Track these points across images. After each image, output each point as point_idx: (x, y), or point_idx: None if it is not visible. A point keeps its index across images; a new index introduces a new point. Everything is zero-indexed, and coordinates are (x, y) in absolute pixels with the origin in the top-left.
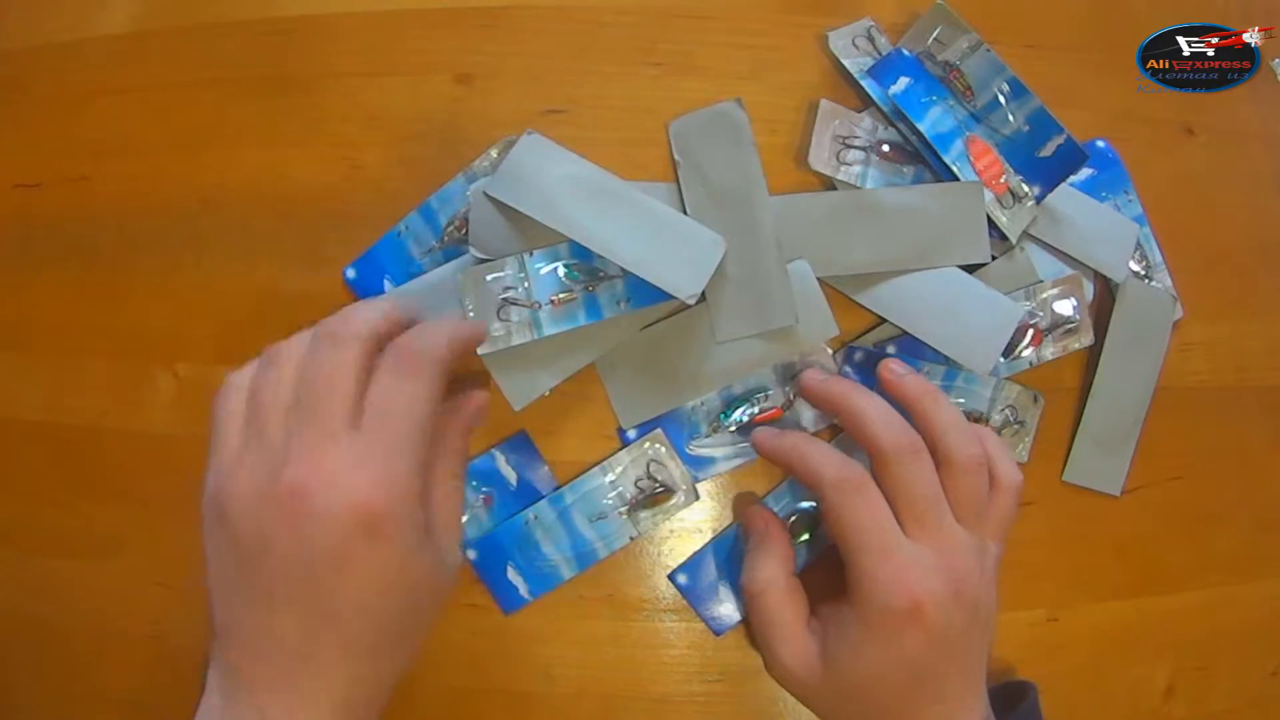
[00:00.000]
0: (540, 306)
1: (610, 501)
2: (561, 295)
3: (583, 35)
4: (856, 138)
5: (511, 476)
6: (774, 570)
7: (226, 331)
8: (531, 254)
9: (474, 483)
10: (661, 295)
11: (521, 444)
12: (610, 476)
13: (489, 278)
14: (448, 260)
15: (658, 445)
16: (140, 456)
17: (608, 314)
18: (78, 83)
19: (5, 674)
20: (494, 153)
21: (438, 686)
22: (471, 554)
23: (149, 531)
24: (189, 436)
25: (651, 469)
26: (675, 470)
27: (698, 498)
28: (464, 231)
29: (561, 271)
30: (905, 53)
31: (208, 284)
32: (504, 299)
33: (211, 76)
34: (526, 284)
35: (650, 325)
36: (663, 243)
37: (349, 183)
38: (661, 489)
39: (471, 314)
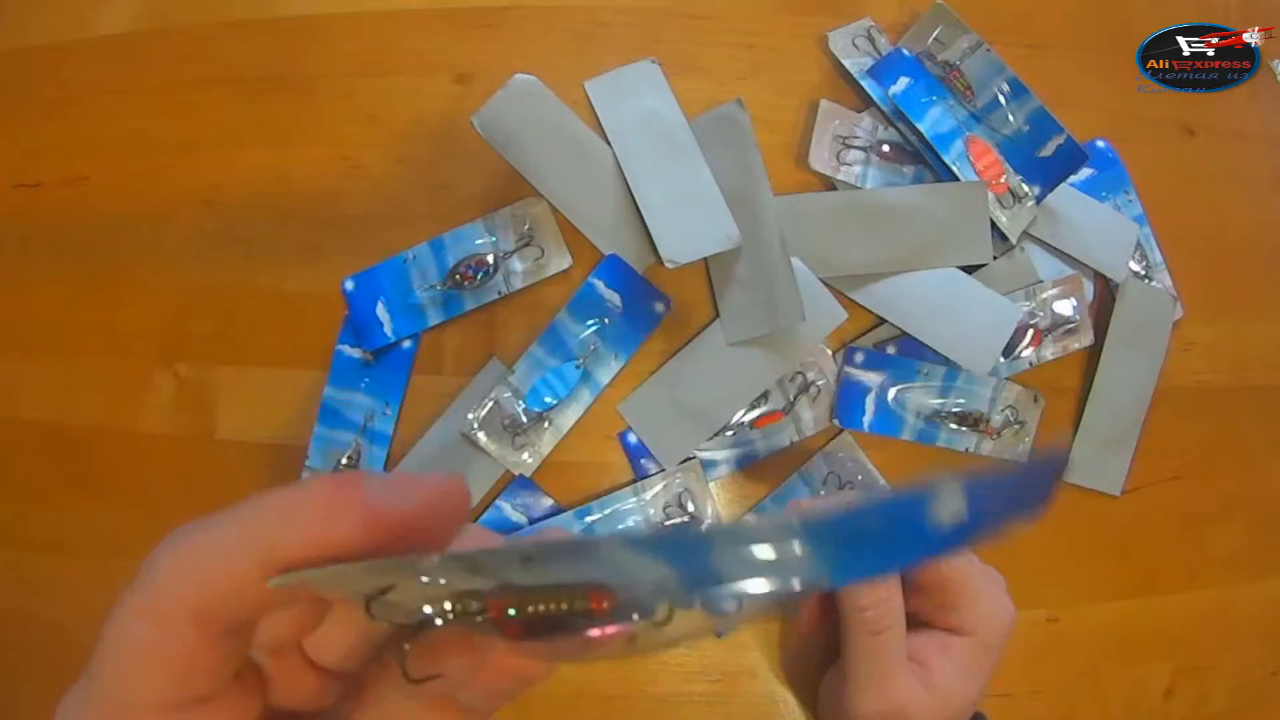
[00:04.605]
0: None
1: (635, 523)
2: None
3: (583, 35)
4: (856, 138)
5: (522, 519)
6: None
7: (226, 331)
8: None
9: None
10: None
11: (522, 486)
12: (640, 498)
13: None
14: (446, 302)
15: (692, 476)
16: (140, 456)
17: None
18: (78, 83)
19: (5, 674)
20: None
21: None
22: None
23: (149, 531)
24: (189, 436)
25: (683, 498)
26: (707, 505)
27: None
28: (468, 281)
29: None
30: (905, 53)
31: (208, 284)
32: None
33: (211, 76)
34: None
35: (662, 365)
36: (686, 204)
37: (349, 183)
38: (688, 520)
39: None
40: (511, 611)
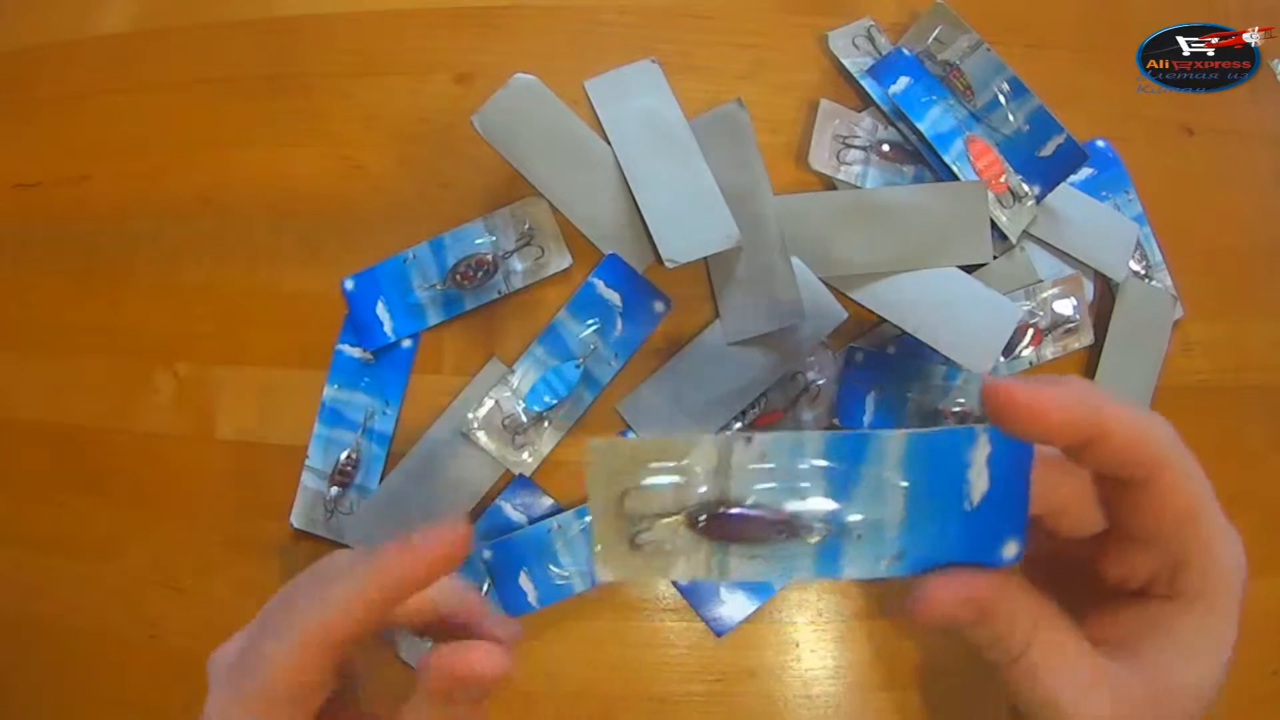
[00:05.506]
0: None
1: None
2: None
3: (582, 35)
4: (856, 138)
5: (522, 518)
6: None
7: (226, 331)
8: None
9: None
10: None
11: (522, 485)
12: None
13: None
14: (446, 302)
15: None
16: (140, 456)
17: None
18: (78, 82)
19: (5, 674)
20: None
21: None
22: (487, 554)
23: (149, 531)
24: (189, 436)
25: None
26: None
27: None
28: (468, 281)
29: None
30: (905, 52)
31: (208, 284)
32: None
33: (211, 76)
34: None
35: (662, 365)
36: (686, 204)
37: (349, 183)
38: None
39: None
40: (734, 510)
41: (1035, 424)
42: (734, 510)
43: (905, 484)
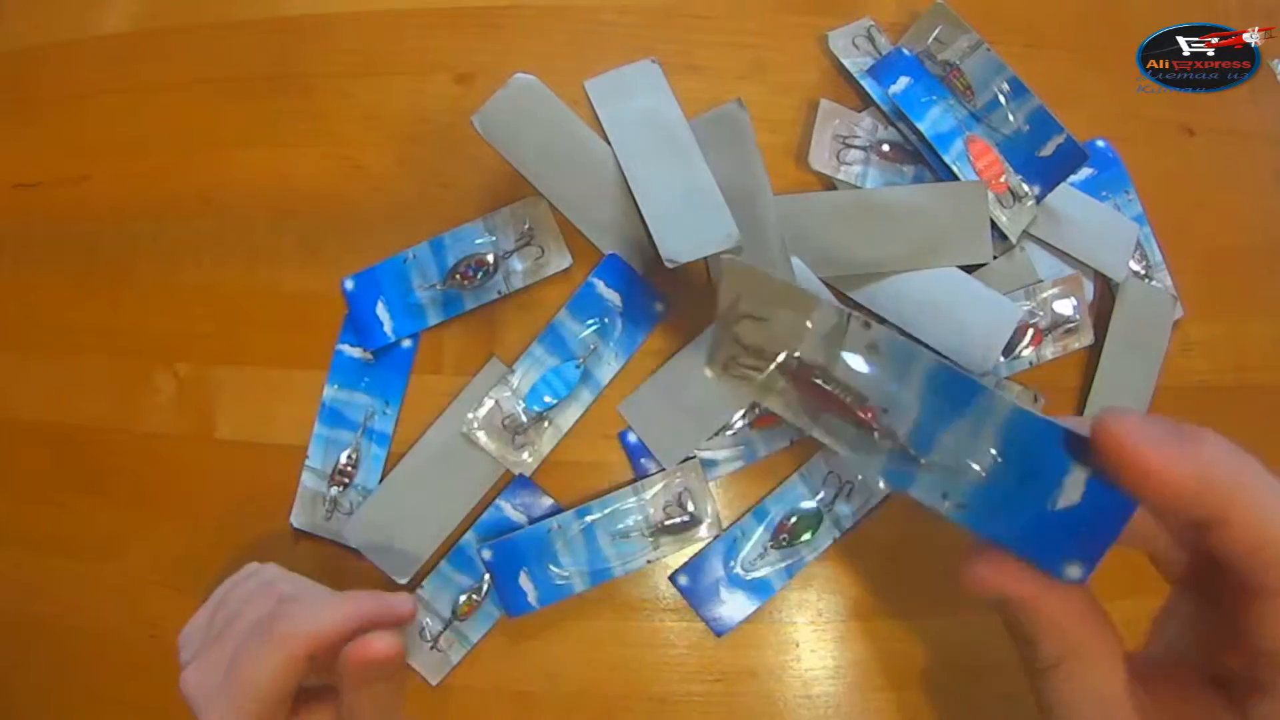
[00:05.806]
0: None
1: (635, 522)
2: None
3: (582, 35)
4: (856, 138)
5: (522, 518)
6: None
7: (226, 331)
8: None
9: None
10: None
11: (522, 485)
12: (640, 498)
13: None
14: (446, 302)
15: (692, 475)
16: (140, 456)
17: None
18: (78, 82)
19: (5, 674)
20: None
21: (440, 685)
22: (487, 554)
23: (149, 531)
24: (189, 436)
25: (683, 498)
26: (707, 504)
27: (723, 531)
28: (468, 281)
29: None
30: (905, 52)
31: (208, 284)
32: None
33: (211, 76)
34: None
35: (662, 365)
36: (686, 204)
37: (349, 183)
38: (688, 519)
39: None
40: (822, 384)
41: (1145, 485)
42: (822, 384)
43: (995, 453)
